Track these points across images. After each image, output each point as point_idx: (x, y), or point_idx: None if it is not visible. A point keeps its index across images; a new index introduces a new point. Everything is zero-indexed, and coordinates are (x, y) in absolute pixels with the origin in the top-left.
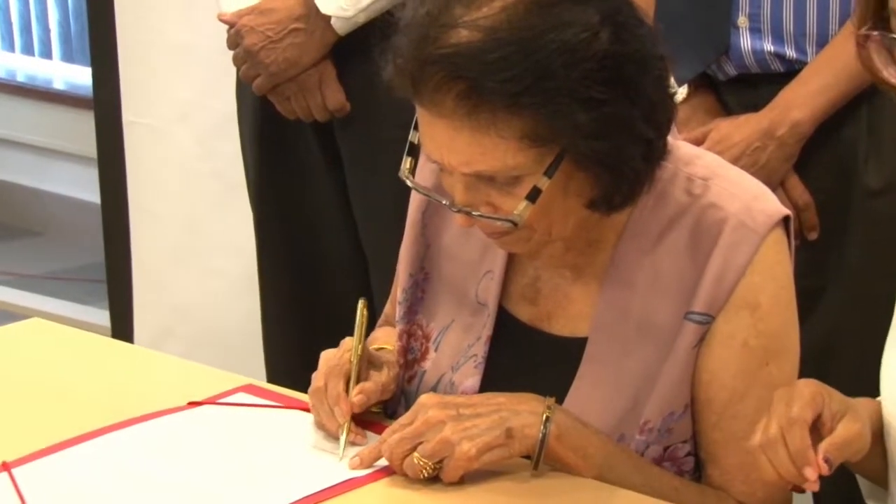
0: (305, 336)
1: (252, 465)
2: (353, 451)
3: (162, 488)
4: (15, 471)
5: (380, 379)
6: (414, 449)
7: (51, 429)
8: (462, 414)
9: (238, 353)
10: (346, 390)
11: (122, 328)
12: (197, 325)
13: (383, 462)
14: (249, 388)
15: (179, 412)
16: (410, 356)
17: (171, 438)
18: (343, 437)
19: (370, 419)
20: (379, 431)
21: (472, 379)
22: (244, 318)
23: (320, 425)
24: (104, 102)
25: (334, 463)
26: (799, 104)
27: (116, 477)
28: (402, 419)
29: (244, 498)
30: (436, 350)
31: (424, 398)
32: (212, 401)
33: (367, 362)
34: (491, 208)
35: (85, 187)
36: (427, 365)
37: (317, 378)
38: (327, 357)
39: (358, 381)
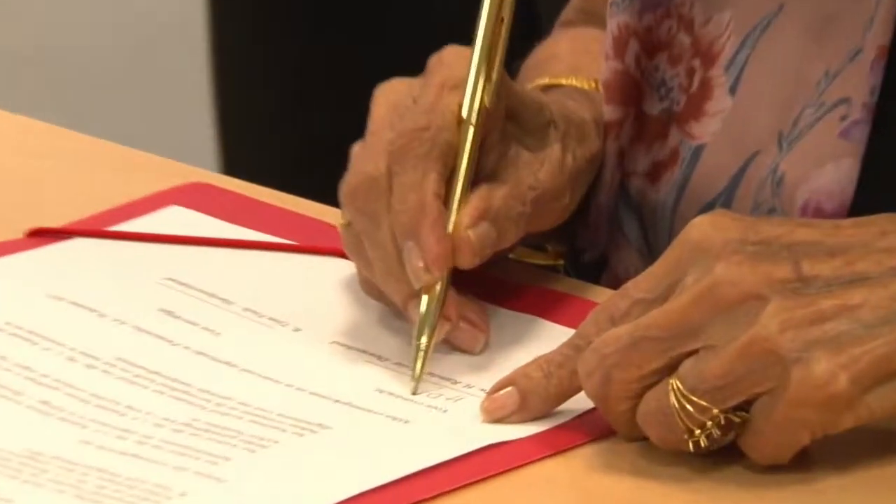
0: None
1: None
2: (453, 362)
3: None
4: None
5: (525, 181)
6: (674, 368)
7: None
8: (808, 276)
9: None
10: (447, 202)
11: None
12: (50, 72)
13: (580, 405)
14: (196, 189)
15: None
16: (663, 104)
17: None
18: (424, 342)
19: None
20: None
21: (844, 163)
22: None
23: (372, 289)
24: None
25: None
26: None
27: None
28: (642, 280)
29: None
30: (731, 92)
31: (701, 222)
32: (96, 230)
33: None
34: None
35: None
36: (699, 130)
37: (368, 156)
38: (397, 98)
39: (468, 181)
